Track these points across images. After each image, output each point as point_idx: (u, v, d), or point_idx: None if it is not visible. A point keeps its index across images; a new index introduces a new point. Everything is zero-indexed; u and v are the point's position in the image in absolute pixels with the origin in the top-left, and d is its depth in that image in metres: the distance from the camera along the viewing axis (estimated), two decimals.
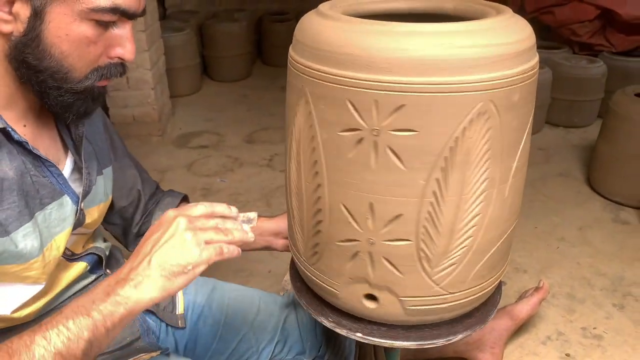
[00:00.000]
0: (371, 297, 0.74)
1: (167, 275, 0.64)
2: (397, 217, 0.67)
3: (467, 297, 0.76)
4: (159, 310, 1.00)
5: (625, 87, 2.16)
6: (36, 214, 0.75)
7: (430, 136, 0.62)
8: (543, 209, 2.16)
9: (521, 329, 1.49)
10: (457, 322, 0.81)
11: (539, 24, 3.48)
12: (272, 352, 1.05)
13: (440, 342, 0.78)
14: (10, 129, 0.72)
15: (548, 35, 3.55)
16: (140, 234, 1.05)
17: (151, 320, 0.98)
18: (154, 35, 2.81)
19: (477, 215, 0.68)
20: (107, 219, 1.01)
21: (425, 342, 0.77)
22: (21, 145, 0.74)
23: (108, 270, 0.89)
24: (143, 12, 0.77)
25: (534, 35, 0.69)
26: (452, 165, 0.63)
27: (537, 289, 1.48)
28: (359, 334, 0.78)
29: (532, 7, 3.39)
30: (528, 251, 1.89)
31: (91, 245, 0.92)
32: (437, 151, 0.63)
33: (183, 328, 1.02)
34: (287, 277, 1.43)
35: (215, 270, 1.28)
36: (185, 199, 1.12)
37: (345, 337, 1.08)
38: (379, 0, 0.80)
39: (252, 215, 0.77)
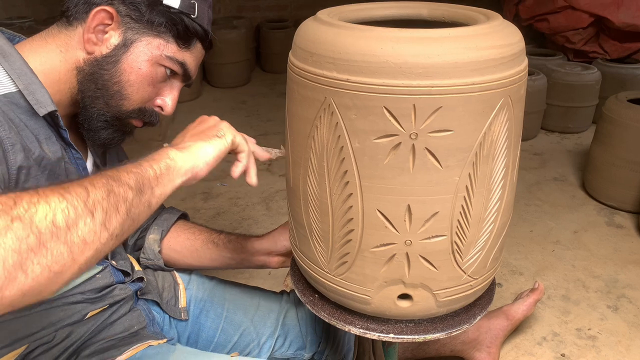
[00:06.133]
0: (405, 296, 0.75)
1: (201, 139, 0.76)
2: (434, 215, 0.69)
3: (486, 280, 0.80)
4: (163, 302, 1.03)
5: (618, 93, 2.20)
6: None
7: (464, 134, 0.66)
8: (538, 213, 2.19)
9: (517, 329, 1.51)
10: (472, 305, 0.84)
11: (534, 32, 3.54)
12: (273, 347, 1.07)
13: (464, 327, 0.81)
14: (59, 115, 0.77)
15: (543, 43, 3.60)
16: (137, 248, 1.07)
17: (156, 312, 1.01)
18: None
19: (497, 202, 0.73)
20: None
21: (454, 330, 0.80)
22: (60, 135, 0.79)
23: (113, 262, 0.91)
24: (191, 84, 0.91)
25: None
26: (481, 159, 0.68)
27: (532, 290, 1.50)
28: (391, 335, 0.78)
29: (527, 14, 3.45)
30: (523, 254, 1.92)
31: None
32: (470, 147, 0.66)
33: (186, 320, 1.04)
34: (289, 279, 1.45)
35: (217, 273, 1.30)
36: (183, 217, 1.13)
37: (345, 333, 1.10)
38: (369, 7, 0.82)
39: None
